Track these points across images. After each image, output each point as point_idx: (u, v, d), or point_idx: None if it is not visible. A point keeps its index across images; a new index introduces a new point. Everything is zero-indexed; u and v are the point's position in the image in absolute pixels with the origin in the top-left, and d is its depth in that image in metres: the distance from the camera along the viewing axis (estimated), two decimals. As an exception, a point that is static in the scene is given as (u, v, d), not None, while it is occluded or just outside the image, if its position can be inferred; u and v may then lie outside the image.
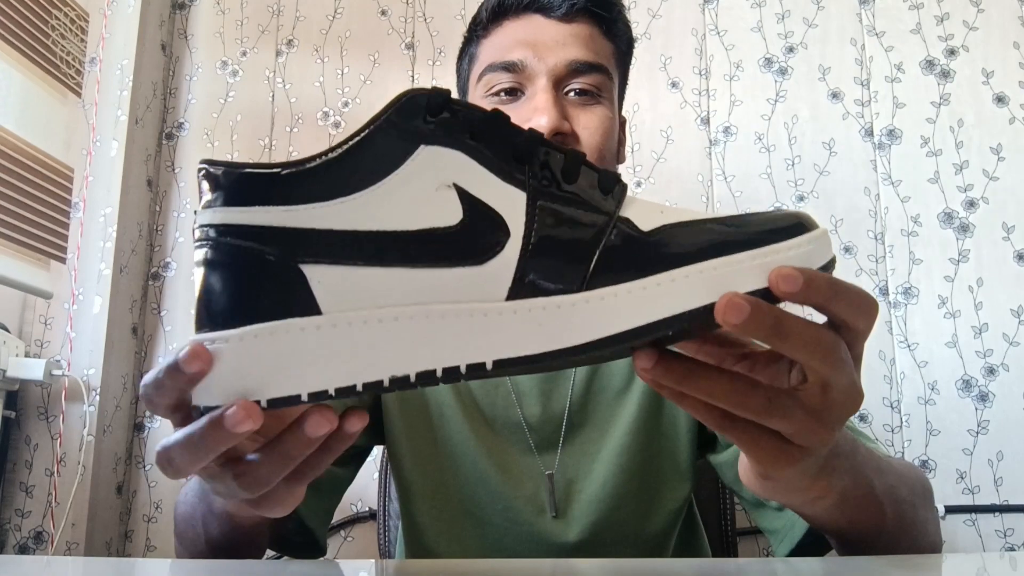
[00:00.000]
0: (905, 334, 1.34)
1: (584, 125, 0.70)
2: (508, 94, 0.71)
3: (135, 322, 1.45)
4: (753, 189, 1.42)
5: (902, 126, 1.42)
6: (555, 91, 0.70)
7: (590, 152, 0.70)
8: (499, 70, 0.71)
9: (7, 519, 1.29)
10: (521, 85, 0.71)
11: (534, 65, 0.70)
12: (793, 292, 0.32)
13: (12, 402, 1.29)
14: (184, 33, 1.61)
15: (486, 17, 0.75)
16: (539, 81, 0.70)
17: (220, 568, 0.49)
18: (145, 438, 1.41)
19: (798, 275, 0.32)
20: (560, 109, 0.69)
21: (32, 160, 1.34)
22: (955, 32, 1.44)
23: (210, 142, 1.54)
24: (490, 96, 0.73)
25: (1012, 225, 1.36)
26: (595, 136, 0.70)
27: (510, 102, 0.71)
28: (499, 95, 0.71)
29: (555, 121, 0.67)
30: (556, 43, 0.71)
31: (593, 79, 0.71)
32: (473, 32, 0.78)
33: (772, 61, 1.47)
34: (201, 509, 0.54)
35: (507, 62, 0.71)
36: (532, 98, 0.70)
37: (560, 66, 0.70)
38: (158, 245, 1.51)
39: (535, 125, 0.68)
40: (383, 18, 1.57)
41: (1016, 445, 1.28)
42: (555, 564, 0.52)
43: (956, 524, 1.26)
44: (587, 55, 0.71)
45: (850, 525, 0.48)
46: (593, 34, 0.73)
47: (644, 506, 0.75)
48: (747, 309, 0.31)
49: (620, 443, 0.73)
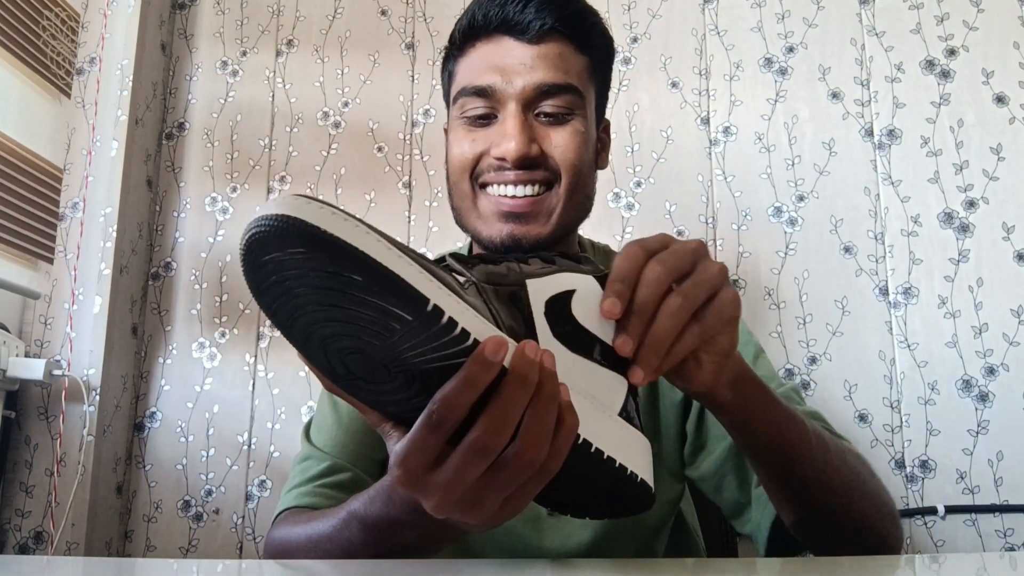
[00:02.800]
0: (905, 334, 1.34)
1: (556, 144, 0.72)
2: (482, 120, 0.74)
3: (135, 322, 1.45)
4: (753, 189, 1.42)
5: (902, 126, 1.42)
6: (524, 115, 0.72)
7: (564, 169, 0.73)
8: (471, 95, 0.74)
9: (7, 519, 1.29)
10: (493, 109, 0.73)
11: (503, 89, 0.72)
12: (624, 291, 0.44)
13: (12, 402, 1.29)
14: (184, 33, 1.61)
15: (459, 38, 0.78)
16: (509, 106, 0.72)
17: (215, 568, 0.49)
18: (145, 438, 1.41)
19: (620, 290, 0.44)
20: (528, 133, 0.71)
21: (20, 160, 1.34)
22: (955, 32, 1.44)
23: (210, 142, 1.54)
24: (464, 120, 0.75)
25: (1012, 225, 1.36)
26: (567, 154, 0.73)
27: (484, 127, 0.74)
28: (473, 121, 0.74)
29: (522, 147, 0.70)
30: (524, 67, 0.73)
31: (562, 100, 0.73)
32: (450, 50, 0.80)
33: (772, 61, 1.47)
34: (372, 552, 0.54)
35: (477, 87, 0.73)
36: (503, 123, 0.72)
37: (528, 90, 0.72)
38: (158, 245, 1.51)
39: (503, 151, 0.71)
40: (383, 18, 1.57)
41: (1016, 445, 1.28)
42: (555, 564, 0.52)
43: (956, 524, 1.26)
44: (556, 77, 0.73)
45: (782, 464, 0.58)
46: (564, 52, 0.74)
47: None
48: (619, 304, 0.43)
49: None
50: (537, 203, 0.73)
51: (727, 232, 1.41)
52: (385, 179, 1.50)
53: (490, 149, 0.73)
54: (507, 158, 0.71)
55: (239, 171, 1.52)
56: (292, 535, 0.63)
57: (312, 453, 0.75)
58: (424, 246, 1.45)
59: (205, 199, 1.51)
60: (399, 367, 0.37)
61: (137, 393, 1.44)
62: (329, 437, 0.76)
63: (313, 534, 0.60)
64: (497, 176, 0.73)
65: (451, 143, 0.77)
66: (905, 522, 1.27)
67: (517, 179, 0.72)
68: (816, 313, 1.36)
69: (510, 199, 0.72)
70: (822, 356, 1.34)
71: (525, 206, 0.72)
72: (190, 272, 1.48)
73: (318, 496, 0.70)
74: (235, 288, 1.46)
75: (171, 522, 1.37)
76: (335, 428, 0.76)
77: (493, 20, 0.74)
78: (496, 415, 0.38)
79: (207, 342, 1.44)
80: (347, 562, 0.55)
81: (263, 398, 1.41)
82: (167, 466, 1.40)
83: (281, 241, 0.33)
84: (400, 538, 0.51)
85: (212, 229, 1.50)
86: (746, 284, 1.39)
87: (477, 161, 0.74)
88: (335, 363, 0.39)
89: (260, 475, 1.37)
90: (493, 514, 0.41)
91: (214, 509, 1.37)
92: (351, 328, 0.36)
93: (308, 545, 0.60)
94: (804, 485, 0.58)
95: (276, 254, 0.34)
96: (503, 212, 0.72)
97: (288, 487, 0.74)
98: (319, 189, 1.50)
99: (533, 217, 0.72)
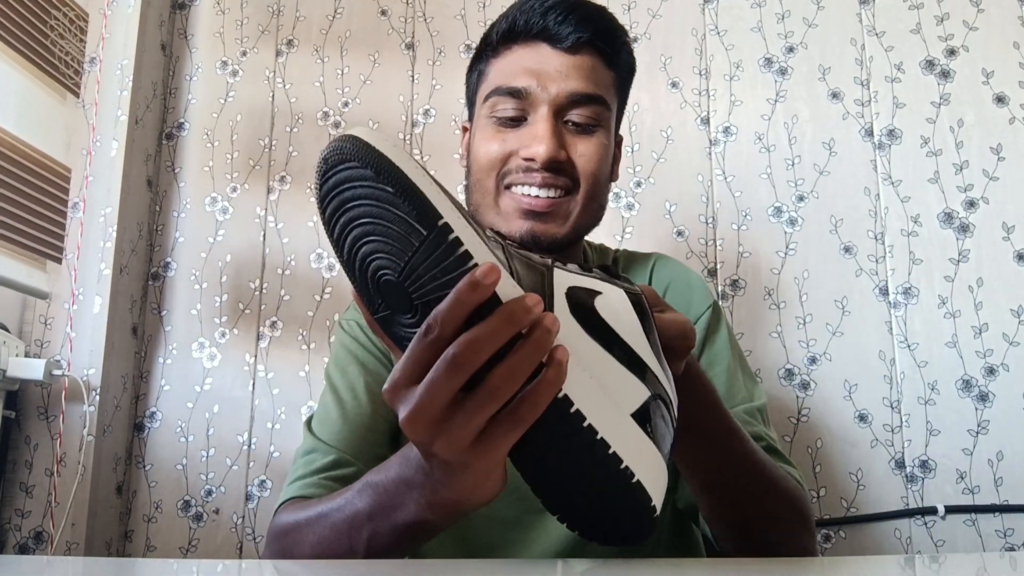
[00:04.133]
0: (905, 334, 1.34)
1: (580, 153, 0.76)
2: (512, 121, 0.76)
3: (135, 322, 1.45)
4: (753, 189, 1.42)
5: (902, 126, 1.42)
6: (555, 120, 0.75)
7: (585, 178, 0.76)
8: (505, 95, 0.76)
9: (7, 519, 1.29)
10: (524, 112, 0.76)
11: (537, 94, 0.75)
12: None
13: (12, 402, 1.29)
14: (184, 33, 1.61)
15: (496, 39, 0.81)
16: (541, 109, 0.75)
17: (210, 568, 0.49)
18: (145, 438, 1.42)
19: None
20: (558, 138, 0.74)
21: (29, 160, 1.34)
22: (955, 32, 1.44)
23: (210, 142, 1.54)
24: (493, 119, 0.77)
25: (1012, 225, 1.36)
26: (590, 164, 0.76)
27: (514, 128, 0.76)
28: (503, 122, 0.77)
29: (552, 151, 0.73)
30: (560, 74, 0.76)
31: (592, 110, 0.76)
32: (483, 50, 0.83)
33: (772, 61, 1.47)
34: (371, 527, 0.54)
35: (512, 88, 0.76)
36: (533, 125, 0.75)
37: (562, 96, 0.75)
38: (158, 245, 1.51)
39: (533, 152, 0.73)
40: (383, 18, 1.57)
41: (1016, 445, 1.28)
42: (555, 564, 0.52)
43: (956, 524, 1.26)
44: (588, 87, 0.76)
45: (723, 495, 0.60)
46: (595, 65, 0.78)
47: None
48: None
49: None
50: (557, 205, 0.75)
51: (727, 232, 1.41)
52: (385, 179, 1.49)
53: (519, 150, 0.76)
54: (537, 159, 0.74)
55: (239, 171, 1.52)
56: (299, 516, 0.63)
57: (317, 446, 0.75)
58: (424, 246, 1.45)
59: (205, 199, 1.51)
60: (419, 295, 0.40)
61: (137, 393, 1.44)
62: (334, 431, 0.76)
63: (326, 510, 0.60)
64: (524, 177, 0.76)
65: (478, 141, 0.79)
66: (905, 522, 1.27)
67: (543, 182, 0.75)
68: (816, 313, 1.36)
69: (532, 199, 0.74)
70: (822, 356, 1.34)
71: (546, 206, 0.75)
72: (190, 272, 1.48)
73: (324, 488, 0.70)
74: (235, 288, 1.46)
75: (171, 522, 1.37)
76: (340, 423, 0.76)
77: (534, 27, 0.77)
78: (473, 336, 0.39)
79: (207, 342, 1.44)
80: (347, 562, 0.55)
81: (263, 398, 1.41)
82: (167, 466, 1.40)
83: (341, 157, 0.39)
84: (405, 502, 0.51)
85: (212, 229, 1.50)
86: (746, 284, 1.39)
87: (505, 161, 0.77)
88: (373, 291, 0.43)
89: (260, 475, 1.37)
90: (463, 450, 0.41)
91: (214, 509, 1.37)
92: (383, 245, 0.40)
93: (317, 521, 0.60)
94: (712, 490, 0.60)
95: (338, 168, 0.40)
96: (524, 210, 0.75)
97: (291, 478, 0.73)
98: (319, 189, 1.50)
99: (552, 217, 0.75)
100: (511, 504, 0.74)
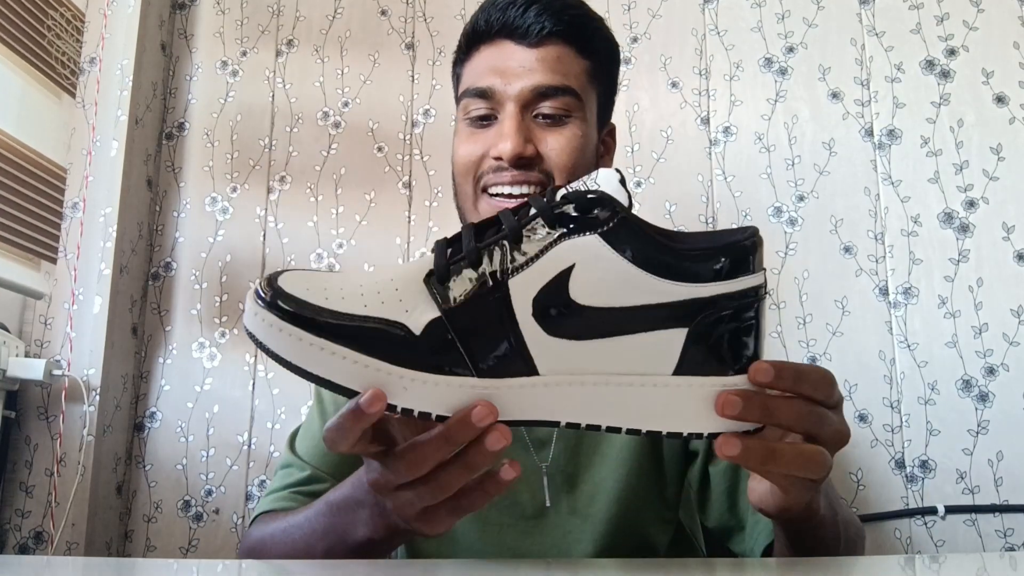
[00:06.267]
0: (905, 334, 1.34)
1: (551, 147, 0.74)
2: (483, 120, 0.77)
3: (135, 322, 1.45)
4: (753, 189, 1.42)
5: (902, 126, 1.42)
6: (521, 116, 0.74)
7: (558, 171, 0.75)
8: (473, 96, 0.77)
9: (7, 519, 1.29)
10: (494, 110, 0.76)
11: (503, 91, 0.75)
12: (766, 382, 0.40)
13: (12, 402, 1.29)
14: (184, 33, 1.61)
15: (464, 43, 0.82)
16: (508, 107, 0.75)
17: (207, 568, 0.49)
18: (145, 438, 1.42)
19: (769, 368, 0.40)
20: (524, 134, 0.74)
21: (24, 160, 1.34)
22: (955, 32, 1.44)
23: (210, 142, 1.54)
24: (467, 121, 0.78)
25: (1012, 225, 1.36)
26: (561, 156, 0.75)
27: (485, 128, 0.77)
28: (475, 123, 0.77)
29: (517, 147, 0.73)
30: (523, 69, 0.75)
31: (561, 102, 0.75)
32: (457, 56, 0.84)
33: (772, 61, 1.47)
34: (325, 544, 0.56)
35: (479, 88, 0.76)
36: (501, 123, 0.75)
37: (527, 91, 0.74)
38: (158, 245, 1.51)
39: (500, 150, 0.73)
40: (383, 18, 1.57)
41: (1016, 445, 1.28)
42: (554, 564, 0.52)
43: (956, 524, 1.26)
44: (554, 79, 0.75)
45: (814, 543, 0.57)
46: (563, 55, 0.77)
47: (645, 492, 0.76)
48: (740, 402, 0.39)
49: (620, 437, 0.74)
50: None
51: (727, 232, 1.41)
52: (385, 179, 1.50)
53: (490, 150, 0.75)
54: (503, 157, 0.74)
55: (239, 171, 1.52)
56: (266, 531, 0.65)
57: (293, 461, 0.77)
58: (424, 246, 1.45)
59: (205, 199, 1.51)
60: None
61: (137, 393, 1.44)
62: (311, 446, 0.78)
63: (288, 526, 0.62)
64: (496, 177, 0.75)
65: (455, 145, 0.80)
66: (905, 522, 1.27)
67: (513, 179, 0.74)
68: (816, 313, 1.36)
69: (505, 198, 0.74)
70: (822, 356, 1.34)
71: None
72: (190, 272, 1.48)
73: (295, 503, 0.72)
74: (235, 288, 1.46)
75: (171, 522, 1.37)
76: (318, 438, 0.77)
77: (495, 25, 0.78)
78: (420, 448, 0.41)
79: (207, 342, 1.44)
80: (348, 562, 0.55)
81: (263, 398, 1.41)
82: (167, 466, 1.40)
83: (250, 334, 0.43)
84: (355, 522, 0.52)
85: (212, 229, 1.50)
86: (746, 284, 1.39)
87: (479, 163, 0.77)
88: None
89: (260, 475, 1.37)
90: (410, 518, 0.45)
91: (214, 509, 1.37)
92: None
93: (280, 537, 0.62)
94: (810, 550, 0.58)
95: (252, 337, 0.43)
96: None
97: (267, 491, 0.76)
98: (319, 189, 1.50)
99: None
100: (503, 510, 0.74)
